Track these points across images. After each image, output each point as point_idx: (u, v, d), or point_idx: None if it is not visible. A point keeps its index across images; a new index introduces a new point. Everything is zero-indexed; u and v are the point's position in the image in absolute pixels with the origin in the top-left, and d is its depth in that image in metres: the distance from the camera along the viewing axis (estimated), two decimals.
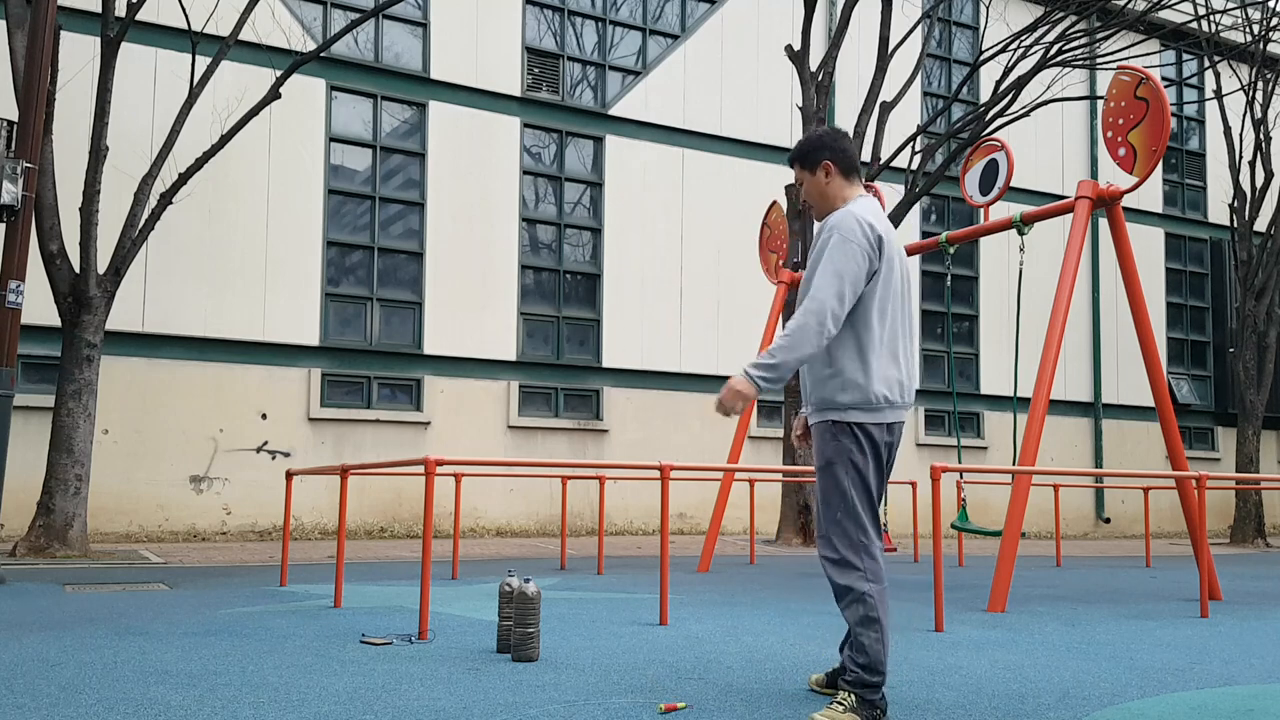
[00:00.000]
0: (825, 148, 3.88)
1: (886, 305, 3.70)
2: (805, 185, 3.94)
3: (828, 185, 3.88)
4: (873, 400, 3.66)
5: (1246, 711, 3.87)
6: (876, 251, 3.66)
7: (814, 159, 3.88)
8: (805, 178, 3.92)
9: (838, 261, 3.61)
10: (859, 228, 3.65)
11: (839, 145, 3.88)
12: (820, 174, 3.88)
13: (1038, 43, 15.02)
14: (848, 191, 3.87)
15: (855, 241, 3.62)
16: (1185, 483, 8.41)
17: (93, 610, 6.37)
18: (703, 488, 15.76)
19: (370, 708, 3.69)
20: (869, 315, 3.67)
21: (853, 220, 3.67)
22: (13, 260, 8.49)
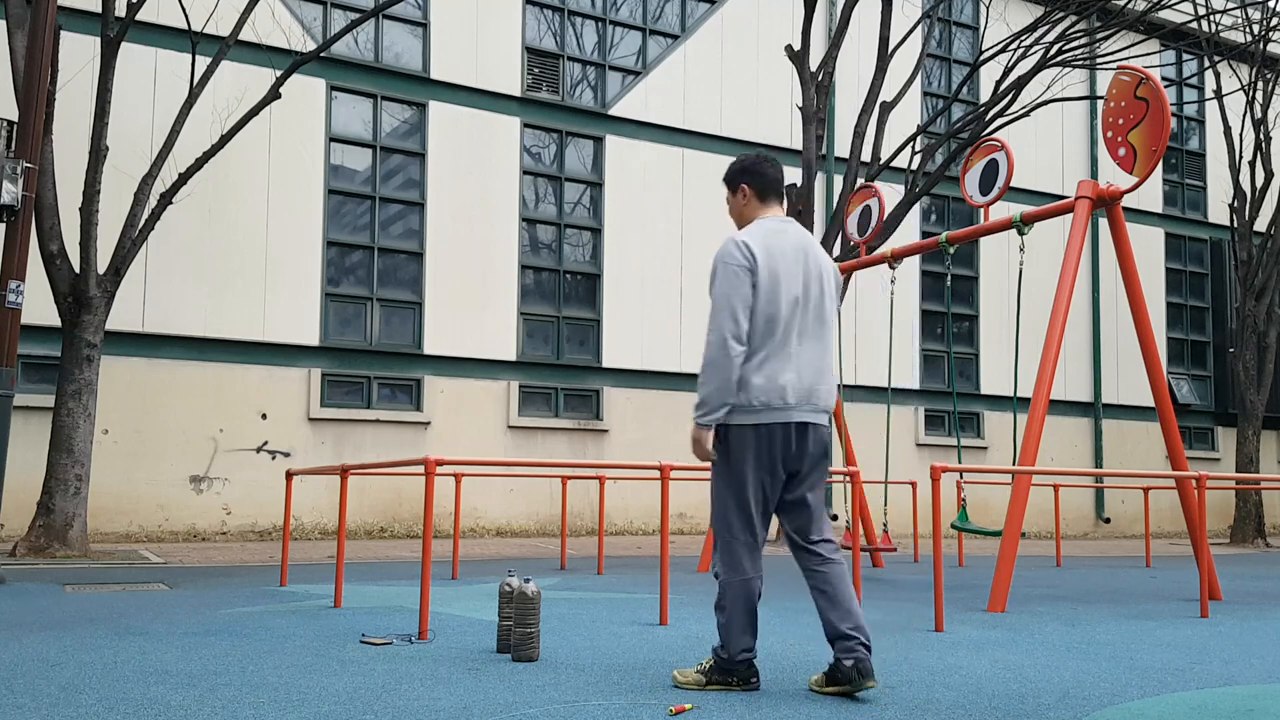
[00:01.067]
0: (745, 172, 4.26)
1: (775, 313, 4.03)
2: (728, 203, 4.37)
3: (744, 207, 4.27)
4: (750, 404, 4.00)
5: (1246, 711, 3.87)
6: (754, 265, 4.02)
7: (735, 182, 4.29)
8: (728, 197, 4.34)
9: (721, 287, 4.03)
10: (735, 250, 4.04)
11: (759, 170, 4.25)
12: (739, 196, 4.28)
13: (1038, 43, 15.02)
14: (760, 213, 4.24)
15: (732, 264, 4.02)
16: (1185, 483, 8.41)
17: (93, 610, 6.37)
18: (703, 488, 15.76)
19: (370, 708, 3.69)
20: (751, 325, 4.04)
21: (731, 245, 4.06)
22: (13, 260, 8.48)
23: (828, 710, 3.77)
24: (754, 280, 4.01)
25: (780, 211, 4.27)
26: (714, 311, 4.03)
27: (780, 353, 4.02)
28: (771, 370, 4.01)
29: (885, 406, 14.07)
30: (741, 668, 4.06)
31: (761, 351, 4.02)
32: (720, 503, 4.08)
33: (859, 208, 10.72)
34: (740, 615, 4.03)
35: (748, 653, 4.05)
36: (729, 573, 4.04)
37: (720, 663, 4.07)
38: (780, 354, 4.02)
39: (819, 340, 4.11)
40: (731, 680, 4.07)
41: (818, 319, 4.11)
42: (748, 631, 4.04)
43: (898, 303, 17.75)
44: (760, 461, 4.00)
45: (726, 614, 4.04)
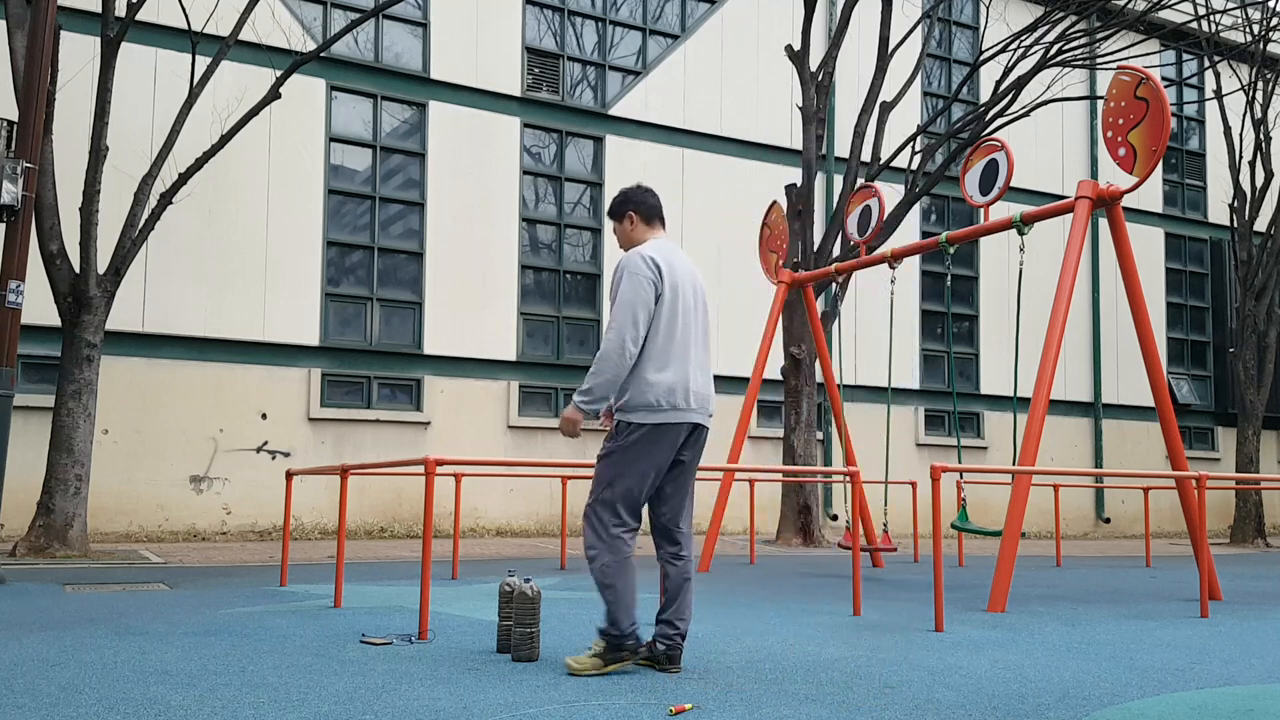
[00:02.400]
0: (629, 201, 4.71)
1: (675, 323, 4.43)
2: (615, 232, 4.76)
3: (632, 231, 4.69)
4: (657, 404, 4.37)
5: (1246, 711, 3.87)
6: (659, 278, 4.42)
7: (621, 211, 4.73)
8: (615, 226, 4.76)
9: (627, 294, 4.38)
10: (643, 263, 4.43)
11: (641, 199, 4.72)
12: (626, 223, 4.71)
13: (1038, 43, 15.02)
14: (646, 235, 4.68)
15: (640, 275, 4.40)
16: (1185, 483, 8.41)
17: (93, 610, 6.37)
18: (702, 487, 15.75)
19: (370, 708, 3.69)
20: (655, 333, 4.40)
21: (638, 258, 4.46)
22: (13, 260, 8.48)
23: (827, 710, 3.77)
24: (658, 292, 4.41)
25: (663, 233, 4.72)
26: (617, 313, 4.38)
27: (681, 358, 4.43)
28: (674, 374, 4.40)
29: (885, 406, 14.07)
30: (632, 642, 4.39)
31: (666, 356, 4.40)
32: (610, 490, 4.39)
33: (859, 208, 10.72)
34: (627, 593, 4.37)
35: (634, 626, 4.40)
36: (613, 554, 4.37)
37: (612, 641, 4.37)
38: (681, 359, 4.43)
39: (706, 349, 4.57)
40: (625, 656, 4.38)
41: (704, 329, 4.58)
42: (633, 606, 4.40)
43: (898, 303, 17.75)
44: (656, 457, 4.40)
45: (614, 593, 4.35)
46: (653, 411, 4.37)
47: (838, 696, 4.02)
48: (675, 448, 4.44)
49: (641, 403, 4.37)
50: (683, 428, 4.43)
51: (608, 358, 4.33)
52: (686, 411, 4.42)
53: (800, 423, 13.94)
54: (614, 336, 4.34)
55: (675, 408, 4.40)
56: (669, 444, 4.42)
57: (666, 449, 4.42)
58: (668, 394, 4.37)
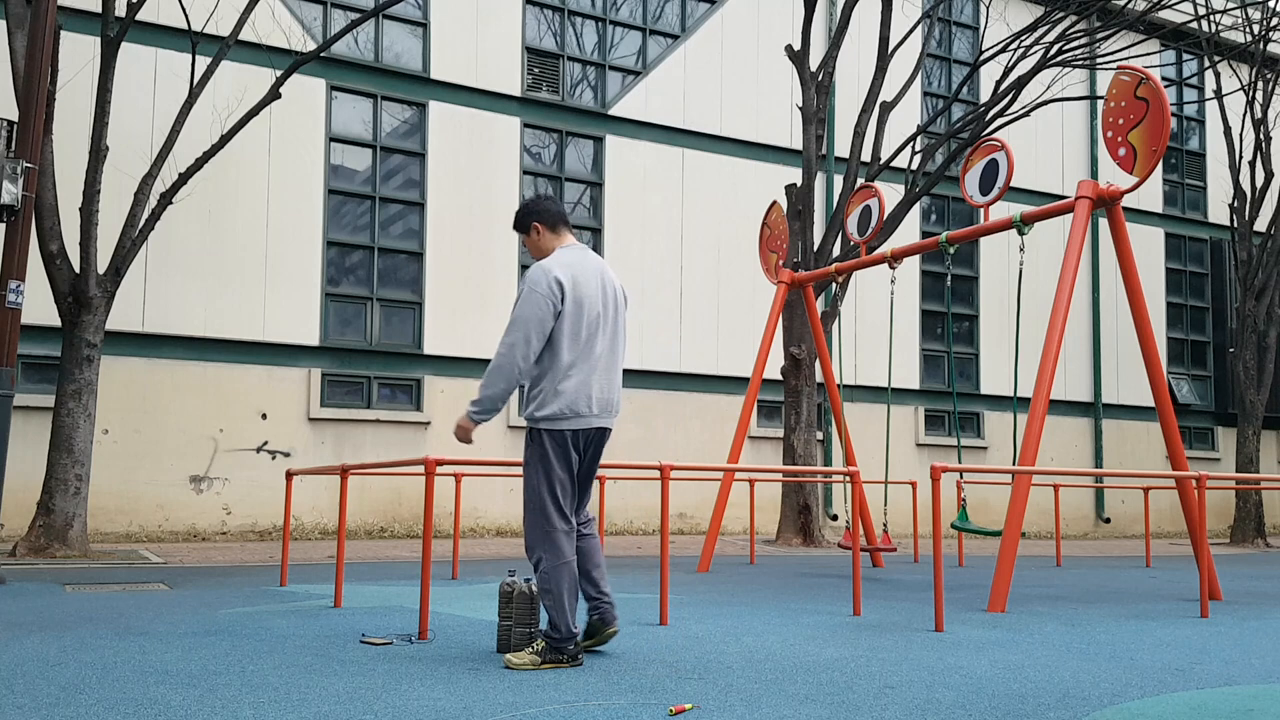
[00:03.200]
0: (532, 213, 4.84)
1: (579, 334, 4.61)
2: (525, 245, 4.91)
3: (540, 240, 4.83)
4: (563, 412, 4.58)
5: (1246, 711, 3.87)
6: (559, 294, 4.57)
7: (525, 223, 4.85)
8: (523, 239, 4.89)
9: (524, 310, 4.54)
10: (544, 279, 4.57)
11: (542, 208, 4.85)
12: (533, 233, 4.84)
13: (1038, 43, 15.02)
14: (555, 243, 4.82)
15: (539, 292, 4.55)
16: (1185, 483, 8.41)
17: (93, 610, 6.37)
18: (703, 488, 15.76)
19: (370, 708, 3.69)
20: (559, 346, 4.58)
21: (540, 273, 4.60)
22: (13, 260, 8.48)
23: (827, 710, 3.77)
24: (558, 310, 4.58)
25: (572, 239, 4.86)
26: (512, 327, 4.55)
27: (585, 365, 4.62)
28: (579, 382, 4.61)
29: (885, 406, 14.07)
30: (571, 645, 4.53)
31: (570, 367, 4.60)
32: (539, 498, 4.59)
33: (859, 208, 10.72)
34: (568, 596, 4.53)
35: (576, 629, 4.55)
36: (553, 558, 4.55)
37: (553, 642, 4.52)
38: (585, 366, 4.62)
39: (614, 354, 4.76)
40: (563, 658, 4.52)
41: (614, 334, 4.76)
42: (575, 609, 4.55)
43: (898, 303, 17.76)
44: (568, 460, 4.63)
45: (554, 597, 4.52)
46: (558, 420, 4.59)
47: (838, 696, 4.02)
48: (586, 450, 4.70)
49: (549, 412, 4.59)
50: (593, 433, 4.68)
51: (500, 370, 4.55)
52: (589, 418, 4.65)
53: (800, 423, 13.94)
54: (506, 351, 4.54)
55: (579, 414, 4.62)
56: (579, 448, 4.67)
57: (577, 453, 4.66)
58: (571, 403, 4.59)
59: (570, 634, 4.52)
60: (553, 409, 4.59)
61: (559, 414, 4.60)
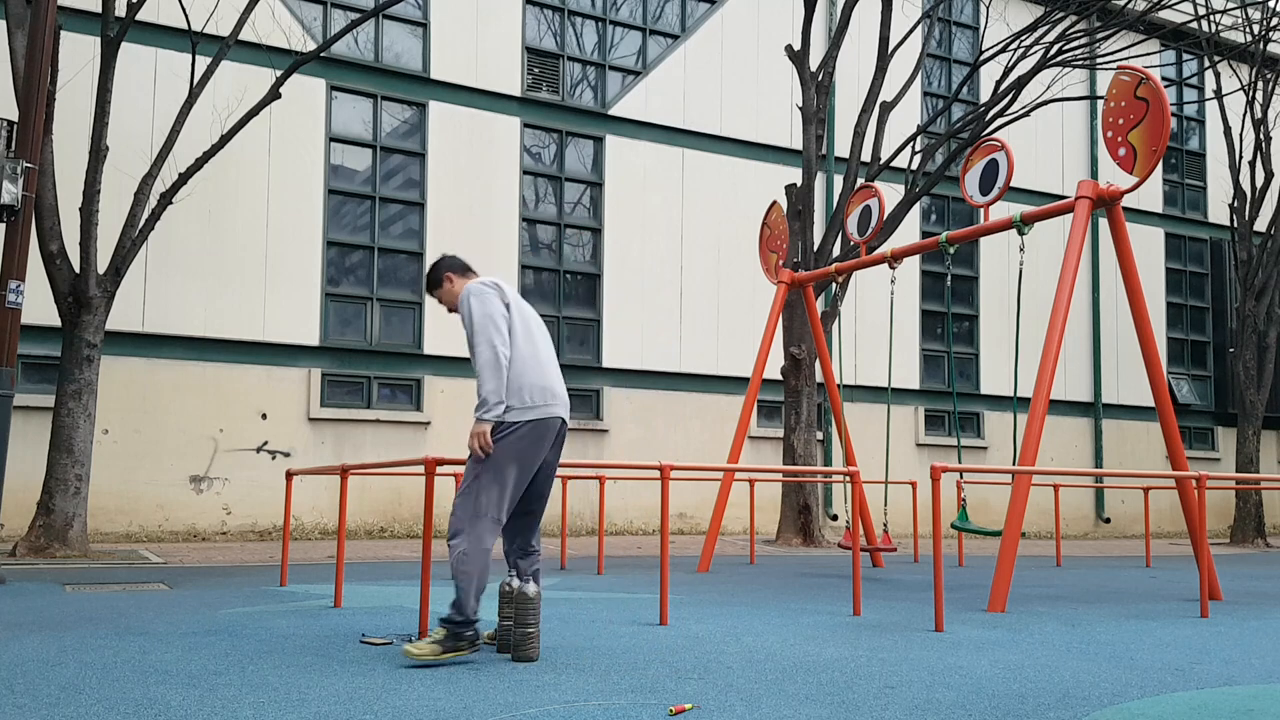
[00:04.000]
0: (442, 269, 5.10)
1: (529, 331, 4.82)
2: (441, 298, 5.11)
3: (454, 288, 5.07)
4: (527, 403, 4.70)
5: (1246, 711, 3.87)
6: (501, 292, 4.82)
7: (438, 278, 5.10)
8: (439, 294, 5.10)
9: (479, 310, 4.73)
10: (481, 285, 4.83)
11: (450, 262, 5.13)
12: (446, 284, 5.09)
13: (1038, 43, 15.02)
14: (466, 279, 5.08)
15: (484, 293, 4.78)
16: (1185, 483, 8.41)
17: (93, 610, 6.37)
18: (703, 488, 15.76)
19: (370, 708, 3.69)
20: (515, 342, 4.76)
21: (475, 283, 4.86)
22: (13, 260, 8.48)
23: (827, 710, 3.77)
24: (505, 301, 4.79)
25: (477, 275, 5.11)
26: (477, 328, 4.70)
27: (536, 360, 4.79)
28: (536, 375, 4.76)
29: (885, 406, 14.07)
30: (472, 632, 4.63)
31: (526, 361, 4.76)
32: (484, 485, 4.65)
33: (859, 208, 10.73)
34: (480, 583, 4.62)
35: (478, 618, 4.66)
36: (475, 545, 4.60)
37: (454, 630, 4.60)
38: (536, 361, 4.79)
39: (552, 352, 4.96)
40: (463, 646, 4.61)
41: (546, 336, 4.99)
42: (481, 596, 4.64)
43: (898, 303, 17.76)
44: (531, 450, 4.72)
45: (470, 581, 4.59)
46: (527, 410, 4.70)
47: (838, 696, 4.02)
48: (549, 442, 4.79)
49: (517, 403, 4.69)
50: (554, 422, 4.79)
51: (488, 366, 4.65)
52: (554, 406, 4.79)
53: (800, 423, 13.94)
54: (484, 348, 4.66)
55: (546, 404, 4.76)
56: (545, 437, 4.77)
57: (542, 442, 4.76)
58: (536, 392, 4.73)
59: (471, 620, 4.61)
60: (523, 399, 4.70)
61: (528, 404, 4.71)
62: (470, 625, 4.62)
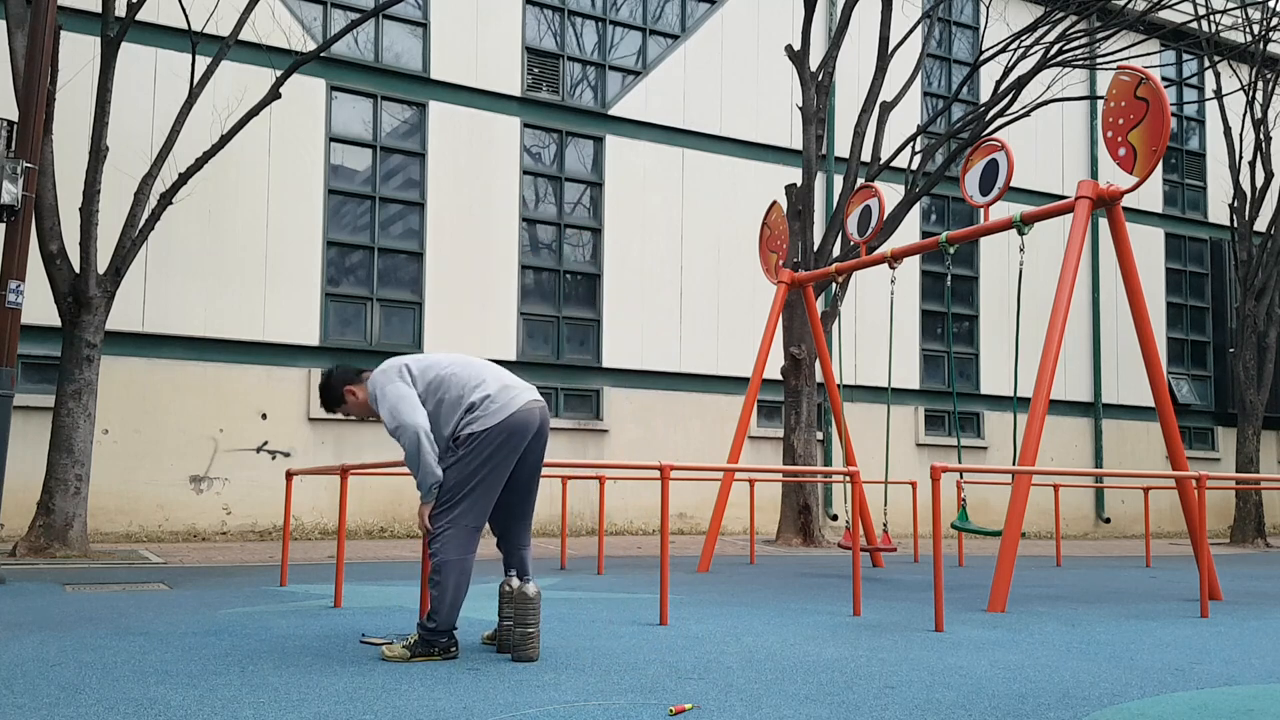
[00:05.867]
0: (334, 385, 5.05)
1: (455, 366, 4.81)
2: (350, 410, 5.07)
3: (362, 395, 5.00)
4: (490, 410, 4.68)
5: (1246, 711, 3.87)
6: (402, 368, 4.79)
7: (336, 395, 5.07)
8: (346, 408, 5.07)
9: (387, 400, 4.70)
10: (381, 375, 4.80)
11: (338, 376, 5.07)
12: (350, 398, 5.04)
13: (1038, 43, 15.02)
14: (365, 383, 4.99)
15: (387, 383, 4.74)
16: (1185, 483, 8.41)
17: (93, 610, 6.37)
18: (703, 488, 15.76)
19: (370, 708, 3.69)
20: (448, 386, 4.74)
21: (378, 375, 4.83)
22: (13, 260, 8.48)
23: (827, 710, 3.77)
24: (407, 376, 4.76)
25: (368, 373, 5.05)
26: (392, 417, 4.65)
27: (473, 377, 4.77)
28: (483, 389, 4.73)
29: (885, 406, 14.07)
30: (446, 639, 4.66)
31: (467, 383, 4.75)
32: (464, 493, 4.63)
33: (859, 208, 10.73)
34: (461, 591, 4.64)
35: (455, 625, 4.70)
36: (458, 552, 4.62)
37: (427, 636, 4.64)
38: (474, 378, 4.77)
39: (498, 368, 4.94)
40: (434, 651, 4.64)
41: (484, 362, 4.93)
42: (460, 606, 4.67)
43: (898, 303, 17.75)
44: (509, 446, 4.69)
45: (451, 590, 4.61)
46: (489, 416, 4.68)
47: (838, 696, 4.02)
48: (527, 433, 4.74)
49: (476, 414, 4.69)
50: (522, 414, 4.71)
51: (411, 457, 4.62)
52: (516, 398, 4.75)
53: (800, 423, 13.94)
54: (405, 439, 4.61)
55: (505, 402, 4.73)
56: (523, 430, 4.73)
57: (515, 437, 4.71)
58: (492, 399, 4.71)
59: (446, 629, 4.65)
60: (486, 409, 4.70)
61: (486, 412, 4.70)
62: (446, 633, 4.66)
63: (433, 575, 4.65)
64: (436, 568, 4.63)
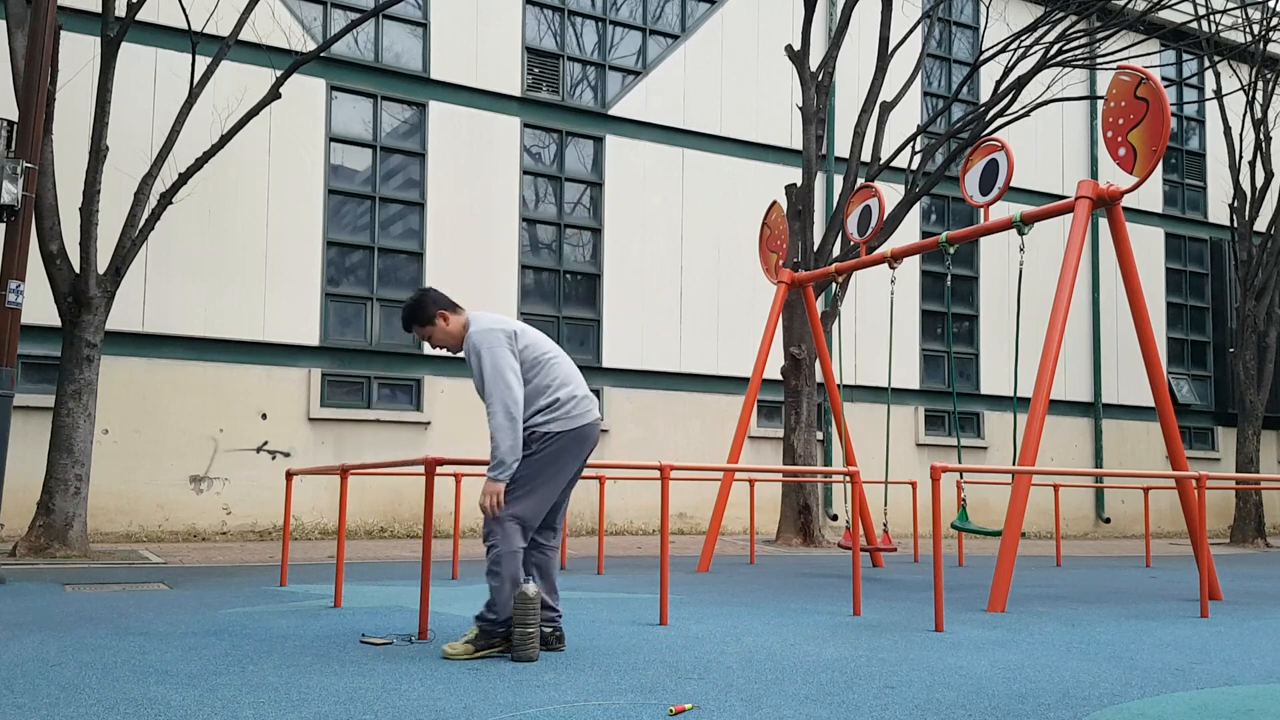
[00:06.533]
0: (429, 304, 4.92)
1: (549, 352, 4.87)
2: (432, 335, 4.94)
3: (449, 326, 4.92)
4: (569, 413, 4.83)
5: (1246, 711, 3.87)
6: (511, 334, 4.80)
7: (428, 315, 4.92)
8: (430, 331, 4.94)
9: (490, 364, 4.70)
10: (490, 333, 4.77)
11: (435, 296, 4.97)
12: (440, 322, 4.92)
13: (1038, 43, 15.02)
14: (463, 318, 4.95)
15: (496, 345, 4.73)
16: (1185, 483, 8.41)
17: (93, 610, 6.37)
18: (703, 488, 15.76)
19: (370, 708, 3.69)
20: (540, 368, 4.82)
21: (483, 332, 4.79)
22: (13, 260, 8.48)
23: (827, 710, 3.77)
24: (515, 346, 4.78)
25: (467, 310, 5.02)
26: (490, 385, 4.69)
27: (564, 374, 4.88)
28: (569, 389, 4.87)
29: (885, 406, 14.07)
30: (505, 629, 4.71)
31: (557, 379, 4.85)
32: (531, 488, 4.75)
33: (859, 208, 10.72)
34: (513, 585, 4.69)
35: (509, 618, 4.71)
36: (511, 544, 4.72)
37: (487, 629, 4.72)
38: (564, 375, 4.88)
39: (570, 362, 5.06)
40: (495, 643, 4.72)
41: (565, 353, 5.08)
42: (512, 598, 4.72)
43: (898, 303, 17.75)
44: (576, 455, 4.86)
45: (505, 582, 4.69)
46: (567, 419, 4.83)
47: (838, 696, 4.02)
48: (587, 449, 4.91)
49: (559, 414, 4.81)
50: (590, 429, 4.90)
51: (501, 429, 4.66)
52: (591, 409, 4.94)
53: (800, 423, 13.94)
54: (497, 409, 4.66)
55: (586, 412, 4.89)
56: (588, 441, 4.90)
57: (586, 446, 4.90)
58: (573, 403, 4.86)
59: (504, 620, 4.70)
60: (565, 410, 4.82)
61: (565, 415, 4.83)
62: (504, 624, 4.72)
63: (491, 567, 4.72)
64: (495, 559, 4.71)
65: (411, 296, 5.01)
